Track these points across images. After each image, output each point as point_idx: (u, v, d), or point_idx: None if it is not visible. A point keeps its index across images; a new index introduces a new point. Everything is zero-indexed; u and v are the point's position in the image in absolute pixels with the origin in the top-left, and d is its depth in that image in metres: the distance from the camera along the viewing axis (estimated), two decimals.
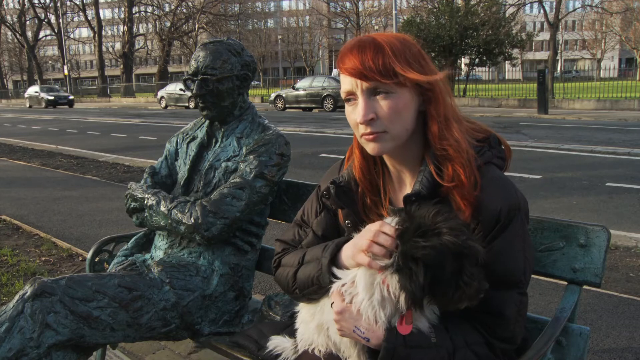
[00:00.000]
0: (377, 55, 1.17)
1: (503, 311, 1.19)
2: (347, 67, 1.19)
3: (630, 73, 37.51)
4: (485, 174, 1.22)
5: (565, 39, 65.87)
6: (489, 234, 1.19)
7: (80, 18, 56.64)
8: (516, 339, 1.23)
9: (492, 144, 1.29)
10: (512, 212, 1.19)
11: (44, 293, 1.62)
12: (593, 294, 3.36)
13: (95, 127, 18.13)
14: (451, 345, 1.18)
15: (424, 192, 1.20)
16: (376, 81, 1.17)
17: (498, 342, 1.21)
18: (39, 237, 4.83)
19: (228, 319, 1.96)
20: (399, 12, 27.85)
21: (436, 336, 1.18)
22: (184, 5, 49.62)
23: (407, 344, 1.15)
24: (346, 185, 1.34)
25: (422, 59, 1.22)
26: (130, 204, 2.06)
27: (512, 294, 1.20)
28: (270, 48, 68.36)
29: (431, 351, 1.16)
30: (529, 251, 1.23)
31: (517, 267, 1.20)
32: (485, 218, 1.18)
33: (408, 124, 1.22)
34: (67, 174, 8.62)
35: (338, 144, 11.27)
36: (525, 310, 1.23)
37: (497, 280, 1.17)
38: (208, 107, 2.03)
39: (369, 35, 1.23)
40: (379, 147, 1.22)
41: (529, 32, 33.71)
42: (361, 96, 1.20)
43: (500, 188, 1.21)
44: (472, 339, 1.20)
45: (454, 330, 1.20)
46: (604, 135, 11.67)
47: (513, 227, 1.19)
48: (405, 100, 1.19)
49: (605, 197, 6.12)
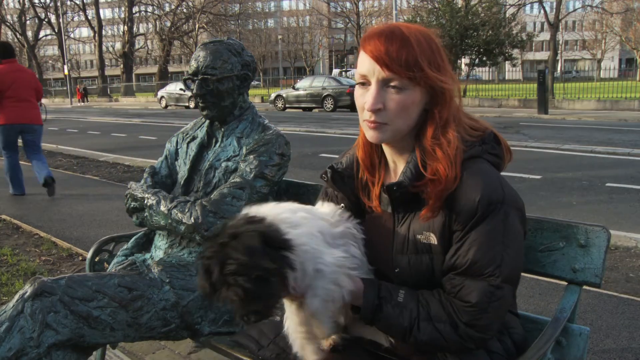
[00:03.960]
0: (402, 49, 1.18)
1: (470, 299, 1.19)
2: (371, 49, 1.21)
3: (631, 73, 37.52)
4: (469, 167, 1.23)
5: (566, 39, 65.84)
6: (467, 224, 1.20)
7: (80, 18, 56.61)
8: (484, 328, 1.21)
9: (486, 140, 1.29)
10: (492, 205, 1.18)
11: (44, 293, 1.62)
12: (593, 294, 3.36)
13: (95, 126, 18.13)
14: (416, 310, 1.22)
15: (405, 183, 1.25)
16: (394, 73, 1.19)
17: (464, 327, 1.20)
18: (39, 237, 4.83)
19: (228, 319, 1.96)
20: (399, 12, 27.84)
21: (404, 297, 1.24)
22: (184, 5, 49.63)
23: (379, 294, 1.24)
24: (344, 170, 1.41)
25: (442, 60, 1.24)
26: (130, 204, 2.06)
27: (480, 284, 1.18)
28: (270, 48, 68.31)
29: (396, 309, 1.22)
30: (513, 248, 1.20)
31: (490, 260, 1.18)
32: (462, 209, 1.19)
33: (411, 120, 1.25)
34: (67, 174, 8.62)
35: (338, 144, 11.27)
36: (500, 304, 1.20)
37: (467, 268, 1.19)
38: (208, 107, 2.03)
39: (398, 25, 1.24)
40: (378, 136, 1.26)
41: (529, 33, 33.76)
42: (375, 84, 1.22)
43: (480, 180, 1.20)
44: (437, 315, 1.22)
45: (422, 300, 1.24)
46: (604, 136, 11.67)
47: (492, 220, 1.18)
48: (414, 98, 1.22)
49: (605, 197, 6.12)
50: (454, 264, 1.21)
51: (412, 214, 1.28)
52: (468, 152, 1.24)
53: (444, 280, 1.24)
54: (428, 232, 1.24)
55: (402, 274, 1.28)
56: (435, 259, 1.25)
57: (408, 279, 1.28)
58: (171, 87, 30.59)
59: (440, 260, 1.24)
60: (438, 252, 1.24)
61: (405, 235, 1.27)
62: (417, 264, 1.26)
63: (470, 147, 1.25)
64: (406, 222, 1.28)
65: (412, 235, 1.26)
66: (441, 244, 1.23)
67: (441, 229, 1.23)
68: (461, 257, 1.20)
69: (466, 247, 1.20)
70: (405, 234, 1.28)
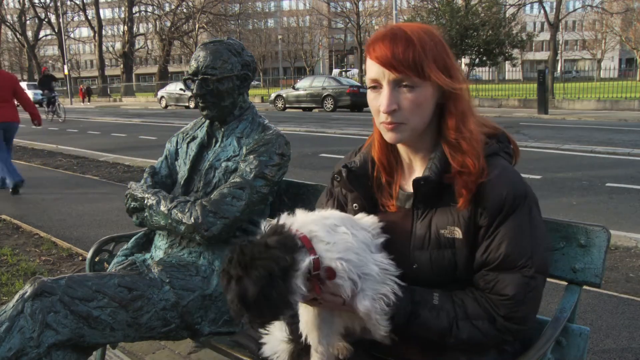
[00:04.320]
0: (407, 49, 1.20)
1: (507, 292, 1.21)
2: (377, 55, 1.23)
3: (631, 73, 37.50)
4: (492, 163, 1.26)
5: (566, 39, 65.82)
6: (495, 219, 1.23)
7: (80, 18, 56.56)
8: (523, 320, 1.24)
9: (501, 139, 1.34)
10: (517, 200, 1.23)
11: (44, 293, 1.62)
12: (593, 294, 3.36)
13: (96, 126, 18.13)
14: (452, 311, 1.23)
15: (432, 177, 1.26)
16: (404, 74, 1.20)
17: (502, 320, 1.22)
18: (39, 237, 4.83)
19: (228, 319, 1.96)
20: (399, 12, 27.84)
21: (439, 299, 1.25)
22: (184, 5, 49.60)
23: (413, 299, 1.24)
24: (358, 170, 1.40)
25: (447, 57, 1.26)
26: (131, 204, 2.06)
27: (515, 277, 1.22)
28: (270, 48, 68.27)
29: (433, 312, 1.23)
30: (540, 240, 1.25)
31: (522, 251, 1.22)
32: (490, 204, 1.22)
33: (426, 117, 1.27)
34: (67, 174, 8.62)
35: (338, 144, 11.27)
36: (535, 294, 1.23)
37: (501, 262, 1.22)
38: (208, 107, 2.03)
39: (399, 26, 1.25)
40: (396, 136, 1.27)
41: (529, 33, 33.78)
42: (387, 86, 1.23)
43: (505, 176, 1.25)
44: (474, 313, 1.24)
45: (457, 300, 1.25)
46: (604, 136, 11.67)
47: (519, 214, 1.23)
48: (427, 94, 1.24)
49: (605, 197, 6.12)
50: (486, 260, 1.24)
51: (434, 210, 1.29)
52: (488, 149, 1.28)
53: (477, 277, 1.26)
54: (453, 227, 1.26)
55: (421, 270, 1.28)
56: (458, 253, 1.26)
57: (427, 275, 1.28)
58: (171, 87, 30.58)
59: (463, 255, 1.26)
60: (462, 246, 1.25)
61: (426, 231, 1.28)
62: (439, 259, 1.27)
63: (488, 144, 1.29)
64: (426, 217, 1.29)
65: (435, 230, 1.27)
66: (466, 238, 1.25)
67: (467, 223, 1.25)
68: (493, 253, 1.23)
69: (497, 242, 1.22)
70: (426, 229, 1.29)
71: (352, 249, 1.18)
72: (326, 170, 1.61)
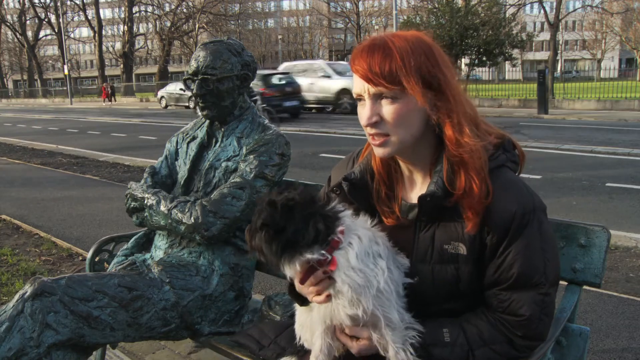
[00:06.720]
0: (384, 61, 1.16)
1: (523, 312, 1.19)
2: (356, 68, 1.20)
3: (631, 73, 37.55)
4: (498, 178, 1.22)
5: (566, 39, 65.83)
6: (504, 238, 1.20)
7: (80, 18, 56.55)
8: (541, 336, 1.23)
9: (507, 148, 1.30)
10: (527, 216, 1.19)
11: (44, 293, 1.62)
12: (593, 294, 3.36)
13: (95, 126, 18.13)
14: (466, 343, 1.21)
15: (439, 193, 1.21)
16: (382, 86, 1.17)
17: (520, 340, 1.21)
18: (39, 237, 4.83)
19: (228, 319, 1.96)
20: (399, 12, 27.84)
21: (450, 335, 1.22)
22: (184, 5, 49.59)
23: (425, 343, 1.21)
24: (359, 182, 1.36)
25: (436, 66, 1.19)
26: (130, 204, 2.06)
27: (530, 295, 1.20)
28: (270, 48, 68.34)
29: (446, 350, 1.21)
30: (551, 251, 1.22)
31: (535, 269, 1.19)
32: (497, 222, 1.19)
33: (414, 129, 1.22)
34: (67, 174, 8.62)
35: (338, 144, 11.27)
36: (550, 309, 1.22)
37: (514, 282, 1.19)
38: (208, 107, 2.03)
39: (383, 37, 1.21)
40: (384, 150, 1.24)
41: (529, 33, 33.79)
42: (368, 99, 1.21)
43: (513, 192, 1.21)
44: (491, 338, 1.22)
45: (469, 328, 1.23)
46: (604, 136, 11.66)
47: (529, 230, 1.19)
48: (410, 106, 1.19)
49: (605, 197, 6.12)
50: (498, 279, 1.21)
51: (437, 223, 1.25)
52: (494, 162, 1.24)
53: (489, 296, 1.24)
54: (457, 242, 1.22)
55: (422, 282, 1.25)
56: (461, 269, 1.23)
57: (428, 289, 1.26)
58: (171, 87, 30.52)
59: (466, 271, 1.23)
60: (466, 262, 1.22)
61: (429, 244, 1.25)
62: (442, 273, 1.24)
63: (494, 156, 1.25)
64: (429, 230, 1.26)
65: (439, 244, 1.24)
66: (470, 255, 1.22)
67: (472, 240, 1.21)
68: (505, 272, 1.20)
69: (509, 262, 1.19)
70: (429, 242, 1.25)
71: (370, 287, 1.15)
72: (326, 171, 1.62)
